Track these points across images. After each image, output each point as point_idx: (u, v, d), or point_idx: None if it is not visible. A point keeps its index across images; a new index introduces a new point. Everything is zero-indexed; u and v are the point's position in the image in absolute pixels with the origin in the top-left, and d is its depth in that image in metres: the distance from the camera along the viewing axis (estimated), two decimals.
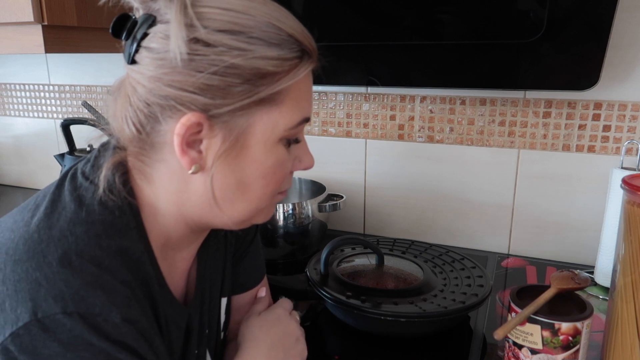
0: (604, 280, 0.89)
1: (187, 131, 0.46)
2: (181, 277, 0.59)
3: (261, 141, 0.49)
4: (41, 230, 0.45)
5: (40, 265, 0.43)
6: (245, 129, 0.47)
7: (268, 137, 0.49)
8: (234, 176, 0.49)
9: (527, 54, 0.83)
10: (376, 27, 0.90)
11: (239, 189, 0.50)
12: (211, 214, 0.51)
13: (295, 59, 0.47)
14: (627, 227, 0.61)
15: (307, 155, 0.55)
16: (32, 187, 1.56)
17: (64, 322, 0.41)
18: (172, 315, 0.53)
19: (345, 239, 0.85)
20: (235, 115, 0.46)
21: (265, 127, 0.48)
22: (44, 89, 1.46)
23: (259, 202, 0.52)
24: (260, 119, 0.48)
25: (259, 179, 0.50)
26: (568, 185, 1.00)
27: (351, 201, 1.18)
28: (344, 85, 1.11)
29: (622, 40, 0.89)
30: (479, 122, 1.03)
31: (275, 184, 0.52)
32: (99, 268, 0.45)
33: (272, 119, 0.48)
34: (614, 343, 0.63)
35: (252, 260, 0.69)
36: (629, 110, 0.93)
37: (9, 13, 0.92)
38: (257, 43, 0.45)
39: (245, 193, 0.51)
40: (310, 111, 0.52)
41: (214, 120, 0.46)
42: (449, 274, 0.83)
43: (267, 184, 0.51)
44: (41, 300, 0.41)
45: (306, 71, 0.49)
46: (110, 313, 0.43)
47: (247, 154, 0.49)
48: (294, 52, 0.47)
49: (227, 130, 0.47)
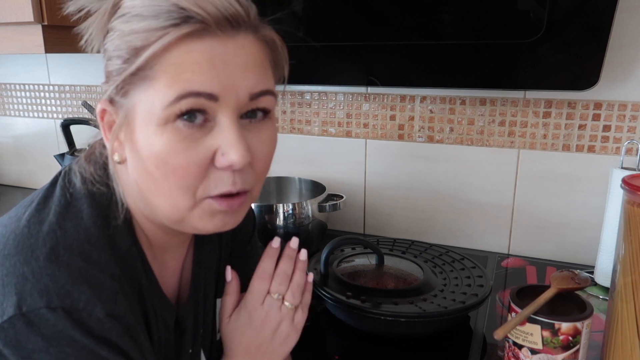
0: (604, 280, 0.89)
1: (100, 119, 0.48)
2: (173, 276, 0.58)
3: (143, 123, 0.45)
4: (31, 225, 0.46)
5: (28, 259, 0.43)
6: (130, 110, 0.45)
7: (149, 118, 0.44)
8: (139, 164, 0.46)
9: (527, 54, 0.83)
10: (376, 27, 0.90)
11: (148, 178, 0.46)
12: (148, 208, 0.50)
13: (169, 27, 0.42)
14: (627, 227, 0.61)
15: (231, 148, 0.44)
16: (32, 187, 1.56)
17: (48, 316, 0.41)
18: (161, 310, 0.53)
19: (345, 239, 0.85)
20: (121, 97, 0.45)
21: (143, 107, 0.44)
22: (44, 89, 1.46)
23: (172, 198, 0.46)
24: (139, 99, 0.44)
25: (155, 168, 0.45)
26: (568, 185, 1.00)
27: (351, 201, 1.18)
28: (344, 85, 1.11)
29: (622, 40, 0.89)
30: (479, 122, 1.03)
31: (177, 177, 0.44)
32: (87, 262, 0.45)
33: (149, 98, 0.44)
34: (614, 343, 0.63)
35: (249, 261, 0.68)
36: (629, 110, 0.93)
37: (9, 13, 0.92)
38: (134, 20, 0.44)
39: (154, 183, 0.46)
40: (202, 84, 0.43)
41: (114, 105, 0.47)
42: (449, 274, 0.83)
43: (166, 175, 0.45)
44: (26, 294, 0.42)
45: (175, 36, 0.42)
46: (94, 308, 0.43)
47: (136, 138, 0.46)
48: (168, 21, 0.42)
49: (121, 113, 0.46)
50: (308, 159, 1.20)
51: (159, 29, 0.42)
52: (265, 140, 0.48)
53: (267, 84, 0.47)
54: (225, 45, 0.44)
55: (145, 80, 0.44)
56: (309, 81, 1.07)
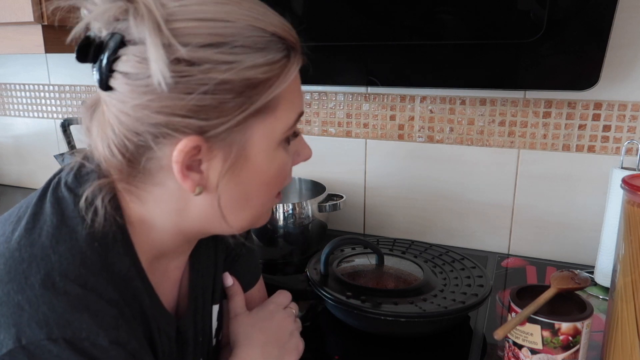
0: (604, 280, 0.89)
1: (185, 157, 0.43)
2: (173, 287, 0.58)
3: (262, 151, 0.47)
4: (22, 248, 0.43)
5: (22, 287, 0.41)
6: (244, 143, 0.45)
7: (269, 144, 0.47)
8: (239, 189, 0.48)
9: (527, 54, 0.83)
10: (376, 27, 0.90)
11: (243, 199, 0.49)
12: (213, 225, 0.51)
13: (283, 58, 0.45)
14: (627, 227, 0.61)
15: (305, 147, 0.54)
16: (32, 187, 1.56)
17: (50, 348, 0.39)
18: (164, 325, 0.52)
19: (345, 239, 0.85)
20: (233, 132, 0.44)
21: (264, 136, 0.46)
22: (44, 89, 1.46)
23: (262, 208, 0.52)
24: (257, 129, 0.46)
25: (263, 186, 0.50)
26: (568, 185, 1.00)
27: (351, 201, 1.18)
28: (344, 85, 1.11)
29: (622, 40, 0.89)
30: (479, 122, 1.03)
31: (278, 185, 0.52)
32: (84, 288, 0.43)
33: (269, 126, 0.46)
34: (614, 343, 0.63)
35: (245, 262, 0.68)
36: (629, 110, 0.93)
37: (9, 13, 0.92)
38: (242, 52, 0.42)
39: (249, 201, 0.50)
40: (302, 104, 0.51)
41: (212, 141, 0.44)
42: (449, 274, 0.83)
43: (271, 189, 0.51)
44: (24, 325, 0.40)
45: (296, 69, 0.47)
46: (97, 337, 0.41)
47: (250, 166, 0.47)
48: (280, 52, 0.45)
49: (227, 148, 0.45)
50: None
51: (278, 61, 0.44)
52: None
53: None
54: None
55: (267, 110, 0.46)
56: (309, 81, 1.07)
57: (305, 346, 0.66)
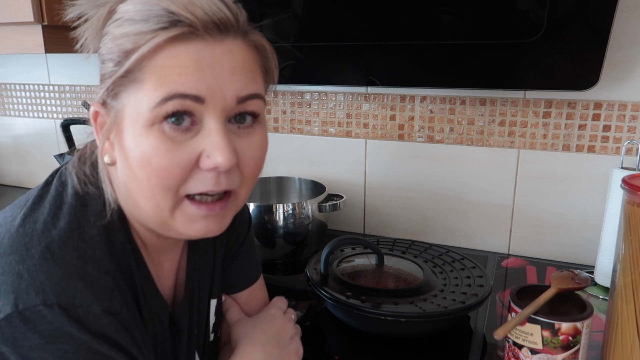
0: (604, 280, 0.89)
1: (93, 121, 0.49)
2: (168, 278, 0.59)
3: (130, 125, 0.45)
4: (26, 224, 0.46)
5: (23, 258, 0.44)
6: (119, 112, 0.46)
7: (136, 119, 0.45)
8: (125, 164, 0.47)
9: (527, 54, 0.83)
10: (376, 27, 0.90)
11: (134, 179, 0.47)
12: (136, 210, 0.50)
13: (158, 30, 0.43)
14: (627, 227, 0.61)
15: (217, 150, 0.44)
16: (32, 187, 1.56)
17: (45, 313, 0.42)
18: (156, 308, 0.54)
19: (345, 239, 0.85)
20: (112, 99, 0.46)
21: (132, 109, 0.45)
22: (44, 89, 1.46)
23: (154, 199, 0.46)
24: (128, 101, 0.45)
25: (139, 168, 0.45)
26: (568, 185, 1.00)
27: (351, 201, 1.18)
28: (344, 85, 1.11)
29: (622, 40, 0.89)
30: (479, 122, 1.03)
31: (160, 177, 0.45)
32: (82, 259, 0.45)
33: (137, 100, 0.45)
34: (614, 343, 0.63)
35: (244, 260, 0.69)
36: (629, 110, 0.93)
37: (9, 13, 0.92)
38: (125, 24, 0.45)
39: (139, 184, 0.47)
40: (189, 86, 0.44)
41: (105, 107, 0.47)
42: (449, 274, 0.83)
43: (149, 176, 0.45)
44: (22, 292, 0.42)
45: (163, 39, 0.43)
46: (91, 304, 0.43)
47: (124, 139, 0.46)
48: (158, 24, 0.43)
49: (111, 115, 0.47)
50: (308, 159, 1.20)
51: (149, 32, 0.43)
52: (254, 144, 0.49)
53: (255, 88, 0.48)
54: (213, 49, 0.44)
55: (134, 82, 0.45)
56: (309, 81, 1.07)
57: (305, 346, 0.66)
